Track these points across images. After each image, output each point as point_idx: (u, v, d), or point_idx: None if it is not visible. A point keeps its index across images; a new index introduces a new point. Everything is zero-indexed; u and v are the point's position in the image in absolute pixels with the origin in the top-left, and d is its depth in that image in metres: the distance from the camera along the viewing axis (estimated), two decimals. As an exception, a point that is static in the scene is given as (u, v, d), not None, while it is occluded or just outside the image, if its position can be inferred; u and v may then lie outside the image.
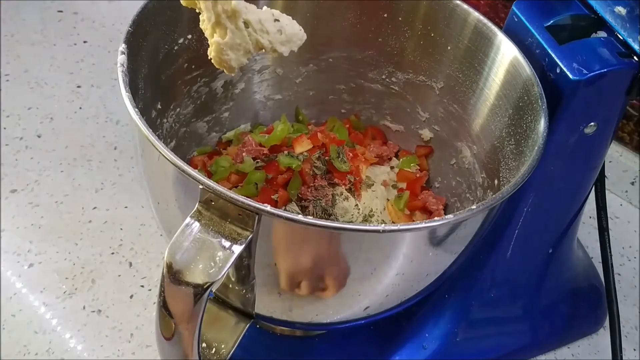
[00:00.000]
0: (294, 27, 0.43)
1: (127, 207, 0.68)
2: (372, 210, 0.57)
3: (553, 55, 0.46)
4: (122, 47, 0.43)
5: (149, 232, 0.66)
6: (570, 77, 0.44)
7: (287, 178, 0.55)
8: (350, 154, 0.59)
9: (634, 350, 0.64)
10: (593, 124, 0.47)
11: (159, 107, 0.52)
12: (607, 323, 0.59)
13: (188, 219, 0.37)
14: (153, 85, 0.50)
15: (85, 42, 0.88)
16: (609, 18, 0.46)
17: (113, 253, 0.64)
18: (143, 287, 0.61)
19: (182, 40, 0.52)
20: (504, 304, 0.58)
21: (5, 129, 0.74)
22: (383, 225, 0.36)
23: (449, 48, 0.55)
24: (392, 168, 0.63)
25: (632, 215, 0.77)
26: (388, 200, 0.59)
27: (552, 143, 0.45)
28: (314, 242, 0.39)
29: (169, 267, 0.36)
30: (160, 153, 0.37)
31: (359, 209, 0.56)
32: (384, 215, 0.58)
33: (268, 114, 0.65)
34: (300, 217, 0.36)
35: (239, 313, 0.49)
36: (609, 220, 0.56)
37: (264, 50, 0.42)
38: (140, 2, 0.47)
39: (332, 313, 0.46)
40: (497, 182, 0.50)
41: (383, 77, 0.62)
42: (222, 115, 0.62)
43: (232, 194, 0.35)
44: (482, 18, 0.52)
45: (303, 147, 0.57)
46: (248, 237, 0.36)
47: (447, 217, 0.38)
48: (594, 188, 0.55)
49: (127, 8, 0.94)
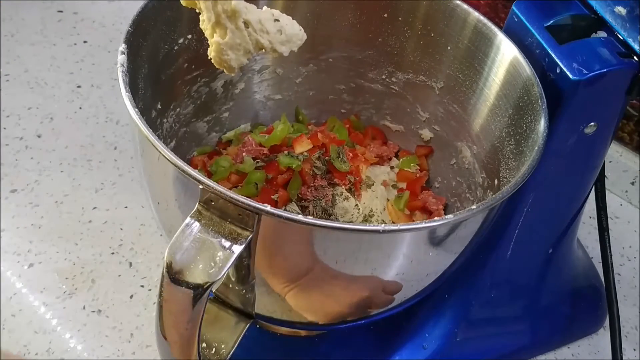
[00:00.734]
0: (294, 27, 0.43)
1: (127, 207, 0.68)
2: (372, 210, 0.57)
3: (553, 55, 0.46)
4: (122, 47, 0.43)
5: (149, 232, 0.66)
6: (570, 77, 0.44)
7: (287, 178, 0.55)
8: (350, 154, 0.59)
9: (634, 350, 0.64)
10: (593, 124, 0.47)
11: (159, 107, 0.52)
12: (607, 323, 0.59)
13: (188, 219, 0.37)
14: (153, 85, 0.50)
15: (85, 42, 0.88)
16: (609, 18, 0.46)
17: (113, 253, 0.64)
18: (143, 287, 0.61)
19: (182, 40, 0.52)
20: (504, 304, 0.58)
21: (5, 129, 0.74)
22: (383, 225, 0.36)
23: (449, 48, 0.55)
24: (392, 168, 0.63)
25: (632, 215, 0.77)
26: (388, 200, 0.59)
27: (552, 143, 0.45)
28: (314, 242, 0.39)
29: (169, 267, 0.36)
30: (160, 153, 0.37)
31: (359, 209, 0.56)
32: (384, 215, 0.58)
33: (268, 114, 0.65)
34: (300, 217, 0.36)
35: (239, 313, 0.49)
36: (609, 220, 0.56)
37: (264, 50, 0.42)
38: (140, 2, 0.47)
39: (332, 313, 0.46)
40: (497, 182, 0.50)
41: (383, 77, 0.62)
42: (222, 115, 0.62)
43: (232, 194, 0.35)
44: (482, 18, 0.52)
45: (303, 147, 0.57)
46: (248, 237, 0.36)
47: (447, 217, 0.38)
48: (594, 188, 0.55)
49: (127, 8, 0.94)
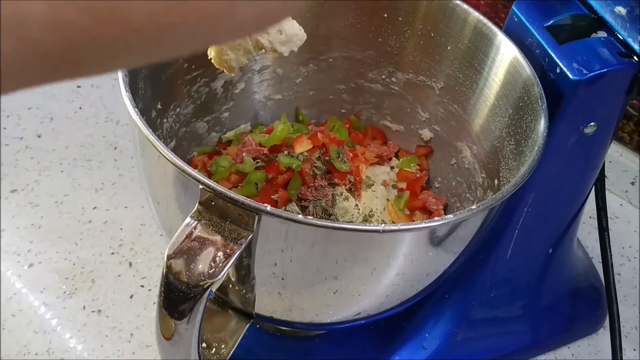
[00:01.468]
0: (294, 27, 0.43)
1: (127, 207, 0.68)
2: (372, 210, 0.57)
3: (553, 55, 0.46)
4: (122, 47, 0.43)
5: (149, 232, 0.66)
6: (570, 77, 0.44)
7: (287, 178, 0.55)
8: (350, 154, 0.59)
9: (634, 350, 0.64)
10: (593, 124, 0.47)
11: (159, 107, 0.52)
12: (607, 323, 0.59)
13: (188, 219, 0.37)
14: (153, 85, 0.50)
15: (85, 42, 0.88)
16: (609, 18, 0.46)
17: (113, 253, 0.64)
18: (143, 287, 0.61)
19: (182, 40, 0.52)
20: (504, 304, 0.58)
21: (5, 129, 0.74)
22: (383, 225, 0.36)
23: (449, 48, 0.55)
24: (392, 168, 0.63)
25: (632, 215, 0.77)
26: (388, 200, 0.59)
27: (552, 143, 0.45)
28: (314, 242, 0.39)
29: (169, 267, 0.36)
30: (160, 153, 0.37)
31: (359, 209, 0.56)
32: (384, 215, 0.58)
33: (268, 114, 0.65)
34: (300, 217, 0.36)
35: (239, 313, 0.49)
36: (609, 220, 0.56)
37: (264, 50, 0.42)
38: (141, 2, 0.47)
39: (332, 313, 0.46)
40: (497, 182, 0.50)
41: (383, 77, 0.62)
42: (222, 115, 0.62)
43: (232, 194, 0.35)
44: (482, 18, 0.52)
45: (303, 147, 0.57)
46: (248, 237, 0.36)
47: (447, 217, 0.38)
48: (594, 188, 0.55)
49: (127, 8, 0.94)
